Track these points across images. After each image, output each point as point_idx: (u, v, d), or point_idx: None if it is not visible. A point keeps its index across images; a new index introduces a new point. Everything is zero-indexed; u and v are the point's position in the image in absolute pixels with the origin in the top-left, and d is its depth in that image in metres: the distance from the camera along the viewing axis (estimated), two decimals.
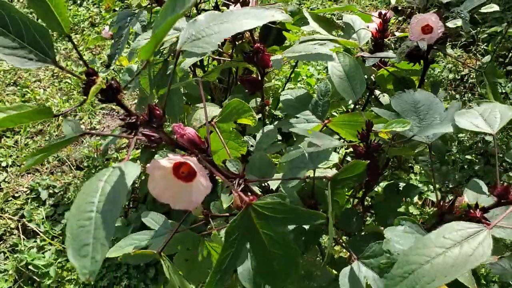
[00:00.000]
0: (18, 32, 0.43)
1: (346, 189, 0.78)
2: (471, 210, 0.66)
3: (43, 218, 1.94)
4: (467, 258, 0.48)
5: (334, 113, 2.03)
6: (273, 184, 0.82)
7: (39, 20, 0.48)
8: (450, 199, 0.75)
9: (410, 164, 2.16)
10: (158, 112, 0.49)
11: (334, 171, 0.87)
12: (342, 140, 0.90)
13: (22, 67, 0.42)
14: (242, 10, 0.48)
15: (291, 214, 0.49)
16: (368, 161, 0.65)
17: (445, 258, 0.49)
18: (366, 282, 0.68)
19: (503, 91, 2.40)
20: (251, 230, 0.51)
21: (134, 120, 0.47)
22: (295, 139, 1.10)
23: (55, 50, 2.57)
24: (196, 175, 0.47)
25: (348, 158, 1.69)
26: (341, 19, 1.28)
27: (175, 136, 0.55)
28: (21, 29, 0.43)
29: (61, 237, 1.89)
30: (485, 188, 0.78)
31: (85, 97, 0.44)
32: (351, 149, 0.85)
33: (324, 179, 0.64)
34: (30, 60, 0.43)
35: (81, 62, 2.58)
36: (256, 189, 0.77)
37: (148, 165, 0.46)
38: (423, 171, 2.08)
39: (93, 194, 0.38)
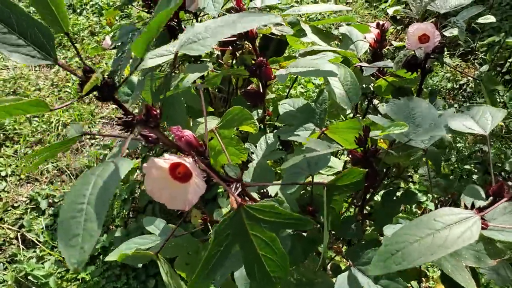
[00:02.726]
0: (22, 30, 0.45)
1: (345, 196, 0.79)
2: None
3: (42, 228, 1.94)
4: (455, 239, 0.49)
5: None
6: (273, 191, 0.82)
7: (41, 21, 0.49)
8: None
9: (409, 174, 2.17)
10: (154, 112, 0.49)
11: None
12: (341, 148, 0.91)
13: (25, 63, 0.43)
14: (239, 14, 0.49)
15: (282, 218, 0.50)
16: (366, 169, 0.66)
17: (434, 238, 0.50)
18: None
19: (501, 100, 2.41)
20: (241, 231, 0.52)
21: (130, 118, 0.48)
22: (294, 148, 1.11)
23: (54, 74, 2.57)
24: (192, 176, 0.48)
25: (349, 166, 1.69)
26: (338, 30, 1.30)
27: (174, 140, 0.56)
28: (25, 28, 0.45)
29: None
30: (483, 194, 0.79)
31: (81, 94, 0.45)
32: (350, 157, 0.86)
33: (322, 185, 0.65)
34: (33, 58, 0.45)
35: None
36: (255, 195, 0.78)
37: (145, 164, 0.47)
38: (422, 181, 2.09)
39: (86, 188, 0.39)
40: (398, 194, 1.00)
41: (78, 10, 3.06)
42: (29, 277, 1.76)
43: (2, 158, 2.16)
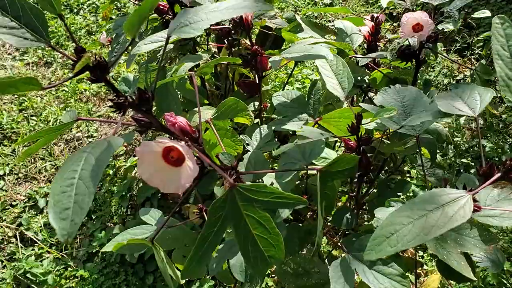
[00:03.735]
0: (16, 13, 0.46)
1: (339, 183, 0.79)
2: None
3: (40, 226, 1.94)
4: (448, 219, 0.49)
5: None
6: (268, 182, 0.83)
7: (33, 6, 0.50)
8: None
9: (407, 169, 2.17)
10: (146, 95, 0.50)
11: None
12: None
13: (18, 46, 0.44)
14: (231, 0, 0.50)
15: (274, 197, 0.50)
16: (359, 156, 0.66)
17: (427, 219, 0.50)
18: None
19: (497, 94, 2.42)
20: (234, 212, 0.52)
21: (122, 100, 0.48)
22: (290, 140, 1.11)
23: (52, 58, 2.58)
24: (185, 160, 0.48)
25: None
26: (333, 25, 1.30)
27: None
28: (19, 11, 0.45)
29: (59, 245, 1.89)
30: (477, 182, 0.79)
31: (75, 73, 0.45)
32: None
33: (315, 172, 0.65)
34: (26, 40, 0.46)
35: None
36: None
37: (137, 148, 0.47)
38: (419, 176, 2.10)
39: (77, 163, 0.40)
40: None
41: (75, 10, 3.06)
42: (28, 275, 1.76)
43: (0, 157, 2.16)
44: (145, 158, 0.49)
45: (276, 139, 1.27)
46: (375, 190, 1.20)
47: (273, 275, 1.83)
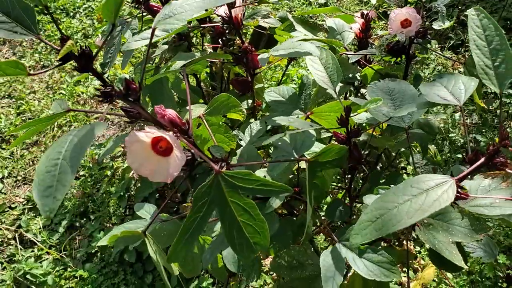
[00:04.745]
0: (5, 8, 0.47)
1: (331, 175, 0.81)
2: None
3: (40, 228, 1.96)
4: (432, 202, 0.51)
5: None
6: (260, 175, 0.84)
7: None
8: None
9: (403, 165, 2.19)
10: (134, 86, 0.51)
11: None
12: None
13: (8, 38, 0.45)
14: None
15: (259, 184, 0.52)
16: (349, 147, 0.67)
17: (411, 203, 0.52)
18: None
19: (490, 91, 2.44)
20: (219, 198, 0.54)
21: (109, 89, 0.50)
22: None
23: (49, 62, 2.59)
24: (173, 150, 0.50)
25: None
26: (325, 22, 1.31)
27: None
28: (8, 6, 0.47)
29: (58, 246, 1.90)
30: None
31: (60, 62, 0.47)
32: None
33: (304, 161, 0.66)
34: (15, 33, 0.48)
35: (74, 73, 2.61)
36: None
37: (126, 138, 0.48)
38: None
39: (62, 145, 0.42)
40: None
41: (71, 14, 3.08)
42: (28, 276, 1.77)
43: None
44: (134, 148, 0.50)
45: (269, 132, 1.29)
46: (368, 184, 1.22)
47: (271, 273, 1.85)
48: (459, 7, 2.95)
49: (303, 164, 0.89)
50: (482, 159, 0.60)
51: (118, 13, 0.49)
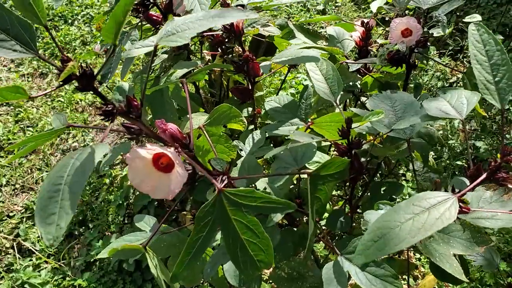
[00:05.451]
0: (5, 26, 0.47)
1: (332, 187, 0.80)
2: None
3: (38, 237, 1.94)
4: (434, 221, 0.50)
5: None
6: (261, 187, 0.84)
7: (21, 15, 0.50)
8: None
9: (402, 172, 2.19)
10: (135, 103, 0.51)
11: None
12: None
13: (7, 57, 0.45)
14: (219, 9, 0.51)
15: (262, 202, 0.51)
16: (350, 159, 0.67)
17: (413, 222, 0.51)
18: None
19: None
20: (223, 217, 0.53)
21: (110, 108, 0.49)
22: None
23: (48, 69, 2.58)
24: (174, 166, 0.49)
25: None
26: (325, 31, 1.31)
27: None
28: (7, 24, 0.47)
29: (57, 255, 1.89)
30: (468, 184, 0.80)
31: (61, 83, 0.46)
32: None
33: (306, 175, 0.66)
34: (15, 51, 0.47)
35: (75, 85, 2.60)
36: None
37: (127, 155, 0.48)
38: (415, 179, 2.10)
39: (64, 170, 0.41)
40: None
41: (70, 21, 3.08)
42: (26, 286, 1.76)
43: None
44: (135, 165, 0.49)
45: (272, 145, 1.29)
46: (369, 194, 1.21)
47: (270, 281, 1.84)
48: (458, 13, 2.96)
49: (304, 174, 0.89)
50: (484, 175, 0.59)
51: (119, 35, 0.48)
